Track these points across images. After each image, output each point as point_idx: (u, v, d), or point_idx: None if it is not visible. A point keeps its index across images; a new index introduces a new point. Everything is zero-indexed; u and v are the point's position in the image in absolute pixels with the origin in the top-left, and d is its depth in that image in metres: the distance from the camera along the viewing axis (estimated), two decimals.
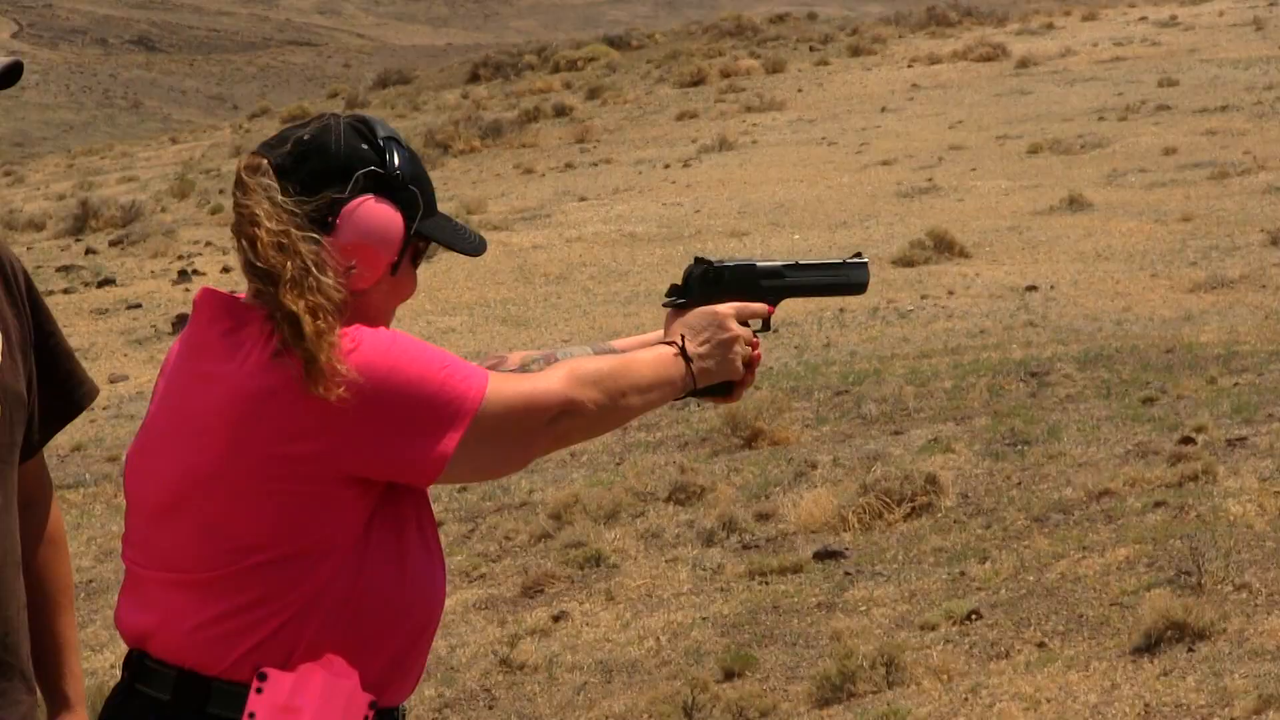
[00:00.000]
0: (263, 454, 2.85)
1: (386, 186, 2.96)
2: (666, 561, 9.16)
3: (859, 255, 3.45)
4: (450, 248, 3.05)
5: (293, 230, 2.90)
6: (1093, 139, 24.27)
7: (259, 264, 2.90)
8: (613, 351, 3.25)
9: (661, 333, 3.29)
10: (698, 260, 3.30)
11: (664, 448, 11.41)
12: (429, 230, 3.02)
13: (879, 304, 16.04)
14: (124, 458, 3.13)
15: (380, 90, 43.19)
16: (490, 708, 7.77)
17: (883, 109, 29.74)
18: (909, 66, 35.06)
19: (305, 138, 2.97)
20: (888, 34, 39.98)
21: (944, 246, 17.90)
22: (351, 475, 2.87)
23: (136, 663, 2.96)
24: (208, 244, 23.36)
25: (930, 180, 22.39)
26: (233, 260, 21.74)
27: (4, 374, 3.32)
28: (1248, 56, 30.98)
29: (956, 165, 23.51)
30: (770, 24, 44.62)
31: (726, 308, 3.22)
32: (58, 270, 22.03)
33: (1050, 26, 38.43)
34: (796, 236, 19.65)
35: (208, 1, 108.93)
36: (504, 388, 2.94)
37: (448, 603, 9.06)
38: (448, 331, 16.70)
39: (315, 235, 2.91)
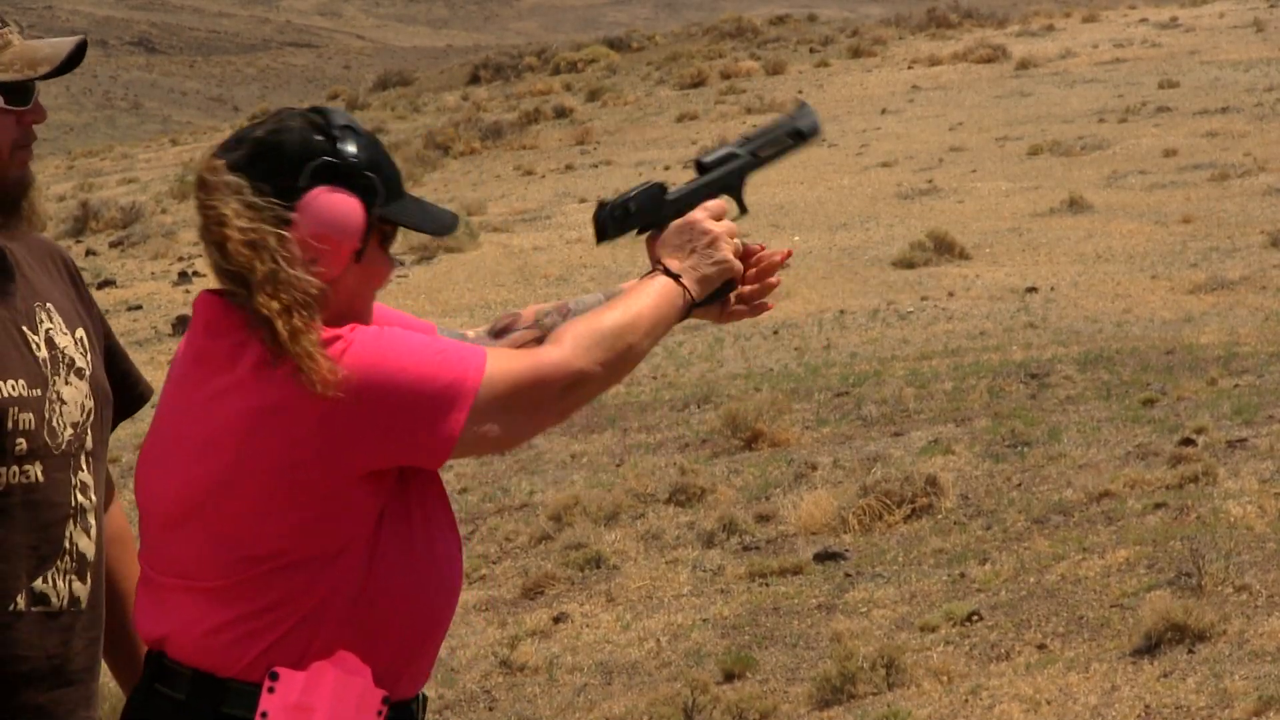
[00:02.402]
0: (272, 464, 2.85)
1: (342, 175, 2.94)
2: (667, 563, 9.16)
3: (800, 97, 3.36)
4: (417, 229, 3.03)
5: (263, 226, 2.89)
6: (1093, 141, 24.27)
7: (230, 266, 2.90)
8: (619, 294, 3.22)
9: None
10: (600, 203, 3.19)
11: (664, 449, 11.41)
12: (392, 214, 2.99)
13: (879, 306, 16.04)
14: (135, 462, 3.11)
15: (380, 92, 43.20)
16: (490, 709, 7.77)
17: (883, 111, 29.74)
18: (909, 68, 35.05)
19: (260, 135, 2.96)
20: (888, 36, 39.98)
21: (944, 248, 17.91)
22: (362, 472, 2.88)
23: (155, 662, 2.98)
24: None
25: (930, 182, 22.38)
26: None
27: (95, 372, 3.33)
28: (1248, 58, 30.98)
29: (957, 167, 23.51)
30: (770, 26, 44.62)
31: (696, 213, 3.14)
32: None
33: (1050, 28, 38.42)
34: (796, 238, 19.65)
35: (208, 3, 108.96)
36: (507, 365, 2.93)
37: None
38: None
39: (282, 230, 2.90)
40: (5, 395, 3.17)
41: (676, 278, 3.10)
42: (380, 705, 2.90)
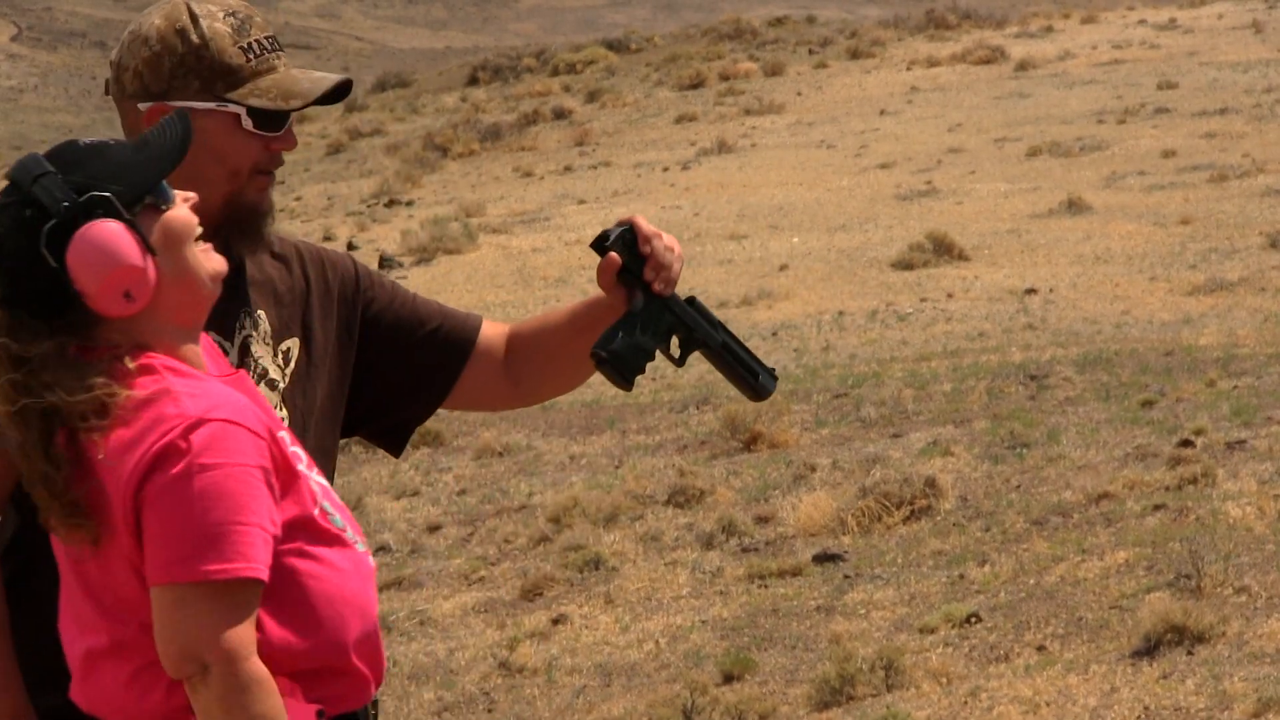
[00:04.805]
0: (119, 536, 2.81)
1: (76, 218, 2.75)
2: (666, 565, 9.16)
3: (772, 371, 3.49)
4: (165, 175, 2.84)
5: (20, 376, 2.73)
6: (1092, 142, 24.27)
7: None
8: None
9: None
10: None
11: (663, 451, 11.41)
12: (140, 193, 2.80)
13: (878, 307, 16.04)
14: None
15: (379, 93, 43.20)
16: (489, 711, 7.77)
17: (881, 112, 29.74)
18: (908, 69, 35.04)
19: None
20: (886, 37, 39.96)
21: (943, 249, 17.90)
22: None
23: None
24: None
25: (929, 183, 22.38)
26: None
27: (298, 385, 3.27)
28: (1247, 59, 30.98)
29: (955, 168, 23.50)
30: (769, 27, 44.61)
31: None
32: None
33: (1049, 29, 38.40)
34: (795, 239, 19.65)
35: None
36: (244, 634, 2.73)
37: (447, 605, 9.06)
38: None
39: (58, 335, 2.75)
40: None
41: None
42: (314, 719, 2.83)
